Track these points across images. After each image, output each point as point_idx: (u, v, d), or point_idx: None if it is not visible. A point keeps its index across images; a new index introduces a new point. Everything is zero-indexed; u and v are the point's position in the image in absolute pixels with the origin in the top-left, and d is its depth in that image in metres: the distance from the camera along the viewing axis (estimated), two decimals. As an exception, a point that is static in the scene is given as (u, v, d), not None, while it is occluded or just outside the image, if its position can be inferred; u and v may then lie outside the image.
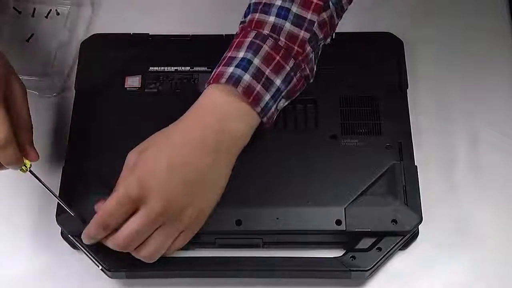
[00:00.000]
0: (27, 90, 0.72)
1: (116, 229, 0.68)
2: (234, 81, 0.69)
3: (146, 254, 0.69)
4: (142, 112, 0.78)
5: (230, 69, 0.69)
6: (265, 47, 0.70)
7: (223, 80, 0.69)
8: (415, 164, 0.76)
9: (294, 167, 0.75)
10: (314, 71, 0.74)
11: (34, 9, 0.91)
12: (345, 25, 0.79)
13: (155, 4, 0.92)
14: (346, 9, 0.75)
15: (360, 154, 0.76)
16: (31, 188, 0.79)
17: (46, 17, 0.90)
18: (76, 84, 0.83)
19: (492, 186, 0.79)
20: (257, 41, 0.70)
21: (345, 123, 0.78)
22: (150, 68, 0.82)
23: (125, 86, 0.81)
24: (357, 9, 0.81)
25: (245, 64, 0.69)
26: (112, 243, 0.68)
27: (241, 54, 0.70)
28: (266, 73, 0.70)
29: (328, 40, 0.75)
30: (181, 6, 0.92)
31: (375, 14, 0.90)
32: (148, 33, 0.85)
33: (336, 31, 0.82)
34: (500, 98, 0.84)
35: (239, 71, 0.69)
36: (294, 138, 0.77)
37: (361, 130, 0.78)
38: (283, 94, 0.71)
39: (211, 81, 0.70)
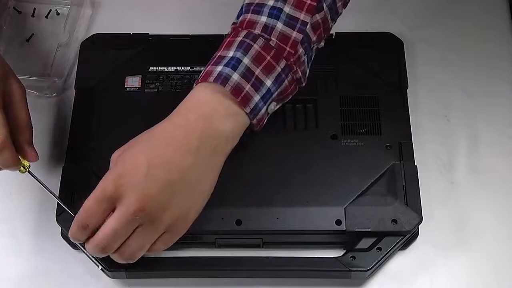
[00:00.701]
0: (27, 90, 0.72)
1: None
2: (223, 79, 0.67)
3: (125, 255, 0.67)
4: (142, 112, 0.78)
5: (219, 68, 0.68)
6: (256, 47, 0.69)
7: (211, 78, 0.68)
8: (415, 164, 0.76)
9: (294, 167, 0.75)
10: (307, 75, 0.73)
11: (34, 9, 0.91)
12: (345, 25, 0.80)
13: (155, 4, 0.92)
14: (341, 12, 0.74)
15: (360, 154, 0.76)
16: (31, 188, 0.79)
17: (46, 17, 0.90)
18: (76, 84, 0.83)
19: (492, 186, 0.79)
20: (248, 41, 0.69)
21: (345, 123, 0.78)
22: (150, 68, 0.82)
23: (125, 86, 0.81)
24: (357, 9, 0.82)
25: (234, 63, 0.68)
26: (91, 245, 0.66)
27: (230, 53, 0.69)
28: (256, 73, 0.69)
29: (322, 43, 0.74)
30: (181, 6, 0.92)
31: (375, 14, 0.90)
32: (148, 33, 0.85)
33: (336, 31, 0.82)
34: (500, 98, 0.84)
35: (227, 70, 0.68)
36: (294, 138, 0.77)
37: (361, 130, 0.78)
38: (273, 96, 0.70)
39: (199, 80, 0.69)
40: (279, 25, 0.69)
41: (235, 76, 0.68)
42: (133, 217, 0.65)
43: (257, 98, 0.69)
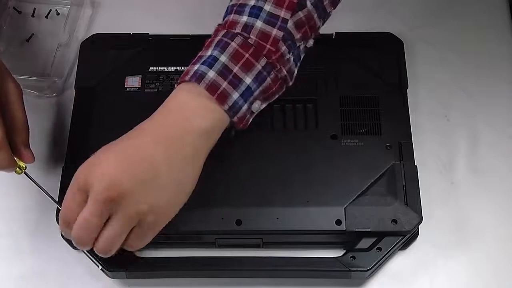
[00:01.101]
0: (27, 90, 0.73)
1: None
2: (198, 77, 0.68)
3: (99, 246, 0.66)
4: (142, 112, 0.78)
5: (196, 67, 0.69)
6: (233, 45, 0.69)
7: (187, 77, 0.68)
8: (415, 164, 0.76)
9: (294, 167, 0.75)
10: (294, 74, 0.72)
11: (34, 9, 0.91)
12: (345, 25, 0.80)
13: (155, 4, 0.92)
14: (330, 12, 0.73)
15: (360, 154, 0.76)
16: (31, 188, 0.79)
17: (46, 17, 0.90)
18: (76, 84, 0.83)
19: (492, 186, 0.79)
20: (225, 39, 0.69)
21: (345, 123, 0.78)
22: (150, 68, 0.82)
23: (125, 86, 0.81)
24: (357, 9, 0.82)
25: (210, 61, 0.68)
26: (72, 238, 0.66)
27: (208, 53, 0.69)
28: (235, 70, 0.68)
29: (310, 42, 0.73)
30: (181, 6, 0.92)
31: (375, 14, 0.90)
32: (148, 33, 0.85)
33: (336, 31, 0.82)
34: (500, 98, 0.84)
35: (203, 68, 0.68)
36: (294, 138, 0.77)
37: (361, 130, 0.78)
38: (255, 94, 0.70)
39: (178, 81, 0.70)
40: (259, 23, 0.69)
41: (211, 74, 0.68)
42: (103, 205, 0.64)
43: (235, 95, 0.69)
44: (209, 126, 0.68)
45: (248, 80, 0.69)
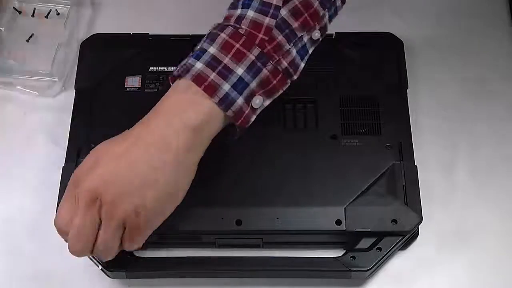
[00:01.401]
0: (27, 90, 0.72)
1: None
2: (184, 69, 0.67)
3: (97, 253, 0.67)
4: (142, 112, 0.78)
5: (184, 61, 0.68)
6: (222, 35, 0.67)
7: (175, 72, 0.68)
8: (415, 164, 0.76)
9: (294, 167, 0.75)
10: (300, 68, 0.70)
11: (34, 9, 0.91)
12: (345, 25, 0.80)
13: (155, 4, 0.92)
14: (336, 1, 0.71)
15: (360, 154, 0.76)
16: (31, 188, 0.79)
17: (46, 17, 0.90)
18: (76, 84, 0.83)
19: (492, 187, 0.79)
20: (215, 31, 0.68)
21: (345, 123, 0.78)
22: (150, 68, 0.82)
23: (125, 86, 0.81)
24: (357, 9, 0.82)
25: (198, 53, 0.67)
26: (69, 251, 0.67)
27: (198, 46, 0.68)
28: (224, 61, 0.66)
29: (316, 34, 0.70)
30: (181, 6, 0.92)
31: (375, 14, 0.90)
32: (148, 33, 0.85)
33: (336, 31, 0.82)
34: (500, 98, 0.84)
35: (191, 60, 0.67)
36: (294, 138, 0.77)
37: (361, 130, 0.78)
38: (252, 87, 0.67)
39: (169, 79, 0.69)
40: (251, 13, 0.67)
41: (198, 65, 0.66)
42: (91, 201, 0.64)
43: (226, 87, 0.66)
44: (199, 121, 0.66)
45: (240, 71, 0.66)
